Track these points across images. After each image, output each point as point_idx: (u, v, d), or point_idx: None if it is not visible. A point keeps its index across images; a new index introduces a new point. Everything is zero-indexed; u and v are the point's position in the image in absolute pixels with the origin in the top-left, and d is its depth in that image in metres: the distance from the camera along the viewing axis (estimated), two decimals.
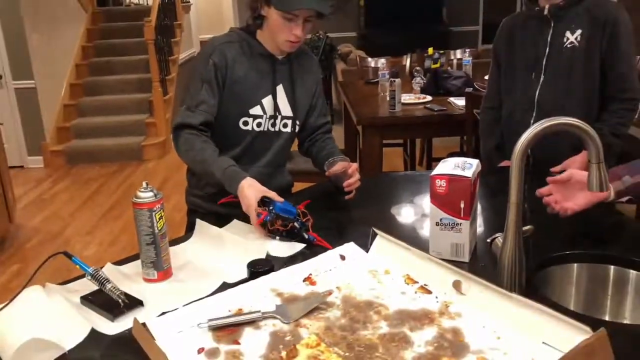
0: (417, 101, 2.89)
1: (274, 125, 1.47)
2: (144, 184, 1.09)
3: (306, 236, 1.21)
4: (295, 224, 1.21)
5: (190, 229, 1.56)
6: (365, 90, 3.25)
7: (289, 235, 1.22)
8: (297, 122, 1.51)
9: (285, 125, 1.50)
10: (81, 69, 5.36)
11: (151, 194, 1.08)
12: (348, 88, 3.38)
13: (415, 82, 3.10)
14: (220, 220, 1.34)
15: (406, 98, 2.91)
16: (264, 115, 1.46)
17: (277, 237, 1.22)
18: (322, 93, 1.61)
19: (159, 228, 1.09)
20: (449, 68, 3.46)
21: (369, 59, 3.99)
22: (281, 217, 1.20)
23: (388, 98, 2.76)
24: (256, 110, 1.44)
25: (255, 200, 1.23)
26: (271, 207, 1.21)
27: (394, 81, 2.65)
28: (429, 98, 2.93)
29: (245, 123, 1.46)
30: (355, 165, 1.41)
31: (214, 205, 1.52)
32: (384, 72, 3.09)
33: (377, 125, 2.68)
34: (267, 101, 1.46)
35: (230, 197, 1.32)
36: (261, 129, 1.47)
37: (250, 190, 1.25)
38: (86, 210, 3.68)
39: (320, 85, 1.59)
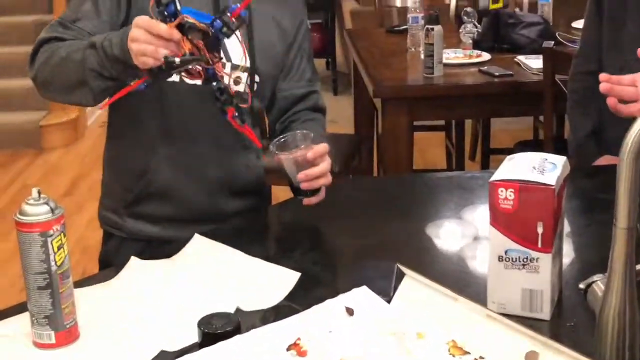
0: (467, 61, 2.88)
1: None
2: (35, 192, 1.07)
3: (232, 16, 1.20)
4: (213, 26, 1.20)
5: (104, 264, 1.57)
6: (388, 44, 3.25)
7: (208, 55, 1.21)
8: (258, 79, 1.50)
9: (237, 82, 1.48)
10: None
11: (46, 208, 1.06)
12: (360, 40, 3.38)
13: (465, 32, 3.08)
14: (150, 250, 1.33)
15: (451, 56, 2.90)
16: None
17: (189, 64, 1.21)
18: (309, 44, 1.61)
19: (58, 263, 1.07)
20: (516, 9, 3.45)
21: None
22: (193, 28, 1.19)
23: (422, 56, 2.75)
24: None
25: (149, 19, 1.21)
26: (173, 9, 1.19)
27: (432, 30, 2.64)
28: (485, 56, 2.92)
29: None
30: (322, 147, 1.37)
31: (137, 223, 1.53)
32: (416, 15, 3.07)
33: (405, 97, 2.68)
34: None
35: (126, 89, 1.25)
36: (196, 82, 1.45)
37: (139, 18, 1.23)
38: None
39: (306, 30, 1.59)
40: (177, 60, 1.19)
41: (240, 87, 1.48)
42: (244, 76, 1.48)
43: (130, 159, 1.51)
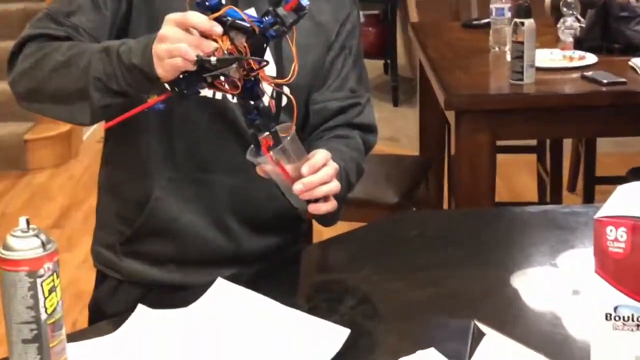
0: (567, 64, 2.87)
1: None
2: (22, 222, 1.10)
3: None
4: (263, 23, 1.21)
5: (95, 310, 1.60)
6: (464, 42, 3.26)
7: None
8: (287, 90, 1.48)
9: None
10: None
11: (36, 241, 1.09)
12: (429, 36, 3.39)
13: (564, 27, 3.07)
14: (152, 297, 1.37)
15: (545, 57, 2.89)
16: None
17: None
18: (356, 43, 1.61)
19: (49, 311, 1.09)
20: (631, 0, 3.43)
21: None
22: (238, 27, 1.21)
23: (509, 57, 2.74)
24: None
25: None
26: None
27: (522, 24, 2.64)
28: (591, 58, 2.90)
29: None
30: (323, 154, 1.34)
31: (135, 263, 1.55)
32: (501, 6, 3.08)
33: (487, 110, 2.66)
34: None
35: (140, 107, 1.26)
36: (205, 94, 1.46)
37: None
38: None
39: (353, 25, 1.60)
40: (213, 59, 1.19)
41: (265, 100, 1.46)
42: (269, 87, 1.46)
43: (129, 185, 1.54)
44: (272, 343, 1.23)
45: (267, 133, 1.27)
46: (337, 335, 1.23)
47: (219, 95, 1.47)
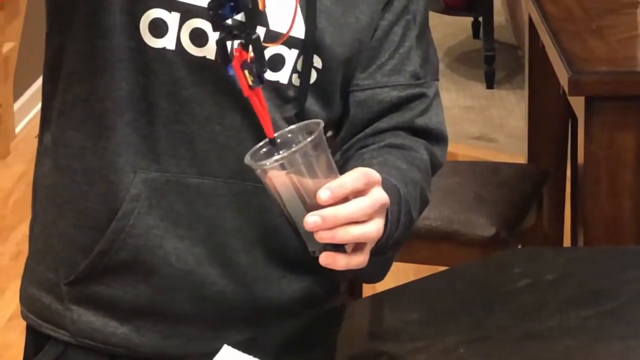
0: None
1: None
2: None
3: None
4: None
5: None
6: None
7: None
8: (319, 63, 1.54)
9: (276, 64, 1.54)
10: None
11: None
12: None
13: None
14: None
15: None
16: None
17: None
18: (423, 11, 1.65)
19: None
20: None
21: None
22: None
23: None
24: None
25: None
26: None
27: None
28: None
29: (156, 26, 1.52)
30: (359, 173, 1.32)
31: (89, 315, 1.56)
32: None
33: (635, 97, 2.67)
34: None
35: None
36: (205, 54, 1.53)
37: None
38: None
39: None
40: None
41: (283, 75, 1.51)
42: (292, 55, 1.51)
43: (85, 192, 1.54)
44: None
45: (241, 41, 1.28)
46: None
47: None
